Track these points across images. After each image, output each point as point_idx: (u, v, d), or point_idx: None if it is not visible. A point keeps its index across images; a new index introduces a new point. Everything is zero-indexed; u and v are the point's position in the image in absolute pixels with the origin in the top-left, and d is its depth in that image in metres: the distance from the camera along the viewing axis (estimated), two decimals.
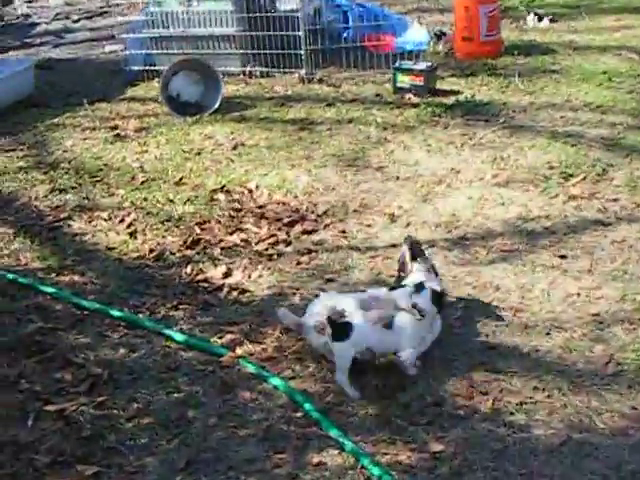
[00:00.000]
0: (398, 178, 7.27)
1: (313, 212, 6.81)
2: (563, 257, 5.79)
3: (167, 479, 4.19)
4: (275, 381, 4.75)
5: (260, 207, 6.97)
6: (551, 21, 11.53)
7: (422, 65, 9.16)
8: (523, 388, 4.62)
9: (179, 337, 5.21)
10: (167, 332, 5.29)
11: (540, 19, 11.51)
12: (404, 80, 9.10)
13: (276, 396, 4.70)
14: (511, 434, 4.32)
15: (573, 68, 9.50)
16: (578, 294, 5.38)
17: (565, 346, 4.91)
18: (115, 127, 9.05)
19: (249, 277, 5.95)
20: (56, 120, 9.40)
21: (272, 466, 4.22)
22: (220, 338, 5.26)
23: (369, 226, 6.49)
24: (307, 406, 4.50)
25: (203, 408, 4.65)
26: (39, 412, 4.70)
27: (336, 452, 4.26)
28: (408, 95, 9.02)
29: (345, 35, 10.41)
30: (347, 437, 4.30)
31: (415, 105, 8.81)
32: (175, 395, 4.77)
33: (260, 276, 5.93)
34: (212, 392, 4.77)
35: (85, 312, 5.63)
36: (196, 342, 5.18)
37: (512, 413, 4.45)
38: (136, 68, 10.55)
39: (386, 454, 4.24)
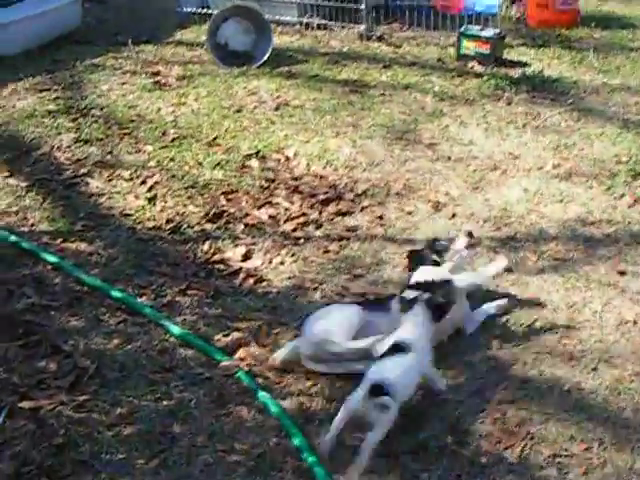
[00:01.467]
0: (449, 159, 6.61)
1: (352, 190, 6.20)
2: (622, 274, 5.13)
3: None
4: (269, 403, 4.18)
5: (295, 179, 6.38)
6: None
7: (490, 32, 8.42)
8: (558, 436, 4.01)
9: (177, 331, 4.67)
10: (165, 324, 4.70)
11: None
12: (469, 47, 8.39)
13: (275, 417, 4.11)
14: None
15: None
16: (635, 322, 4.75)
17: (613, 387, 4.28)
18: (157, 73, 8.47)
19: (270, 262, 5.39)
20: (97, 60, 8.83)
21: None
22: (226, 336, 4.71)
23: (410, 214, 5.86)
24: (298, 441, 3.90)
25: (192, 423, 4.12)
26: (12, 408, 4.16)
27: None
28: (472, 63, 8.32)
29: None
30: None
31: (478, 75, 8.11)
32: (164, 402, 4.25)
33: (282, 263, 5.37)
34: (205, 403, 4.24)
35: (85, 289, 5.07)
36: (194, 340, 4.60)
37: (542, 467, 3.85)
38: (189, 9, 9.89)
39: None
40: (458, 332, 4.65)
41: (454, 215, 5.81)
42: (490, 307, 4.78)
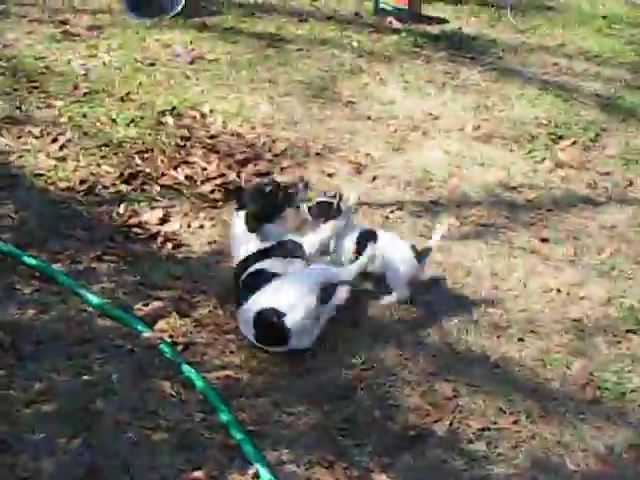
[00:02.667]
0: (369, 118, 6.54)
1: (270, 150, 6.08)
2: (545, 240, 5.16)
3: None
4: (193, 376, 4.06)
5: (212, 137, 6.22)
6: None
7: None
8: (487, 408, 4.00)
9: (95, 301, 4.50)
10: (83, 293, 4.53)
11: None
12: (387, 1, 8.25)
13: (200, 391, 4.00)
14: (467, 469, 3.74)
15: (571, 8, 8.75)
16: (558, 290, 4.77)
17: (539, 358, 4.31)
18: (65, 22, 8.13)
19: (188, 226, 5.25)
20: (1, 7, 8.40)
21: None
22: (145, 305, 4.55)
23: (330, 176, 5.78)
24: (224, 416, 3.82)
25: (114, 398, 3.98)
26: None
27: None
28: (389, 18, 8.23)
29: None
30: (265, 464, 3.61)
31: (396, 31, 8.04)
32: (85, 377, 4.09)
33: (201, 227, 5.23)
34: (127, 378, 4.08)
35: None
36: (112, 310, 4.45)
37: (471, 441, 3.84)
38: None
39: None
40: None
41: (375, 178, 5.75)
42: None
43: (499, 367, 4.22)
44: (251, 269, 4.40)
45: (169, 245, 5.06)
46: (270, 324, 4.16)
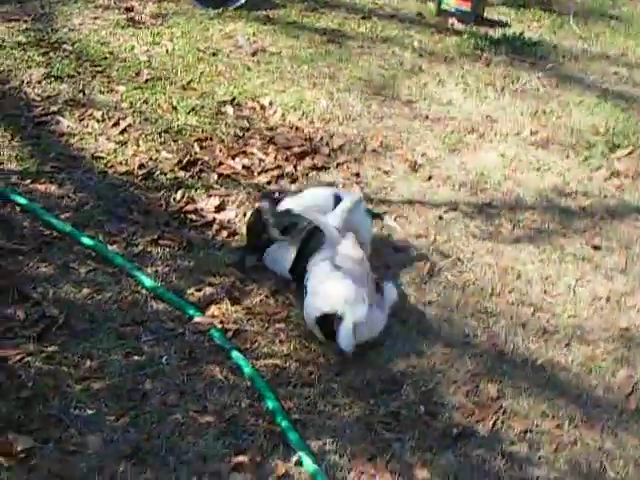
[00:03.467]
0: (427, 118, 6.55)
1: (327, 144, 6.11)
2: (597, 248, 5.14)
3: (108, 467, 3.59)
4: (242, 363, 4.12)
5: (270, 129, 6.26)
6: None
7: None
8: (530, 411, 4.02)
9: (148, 283, 4.58)
10: (137, 274, 4.62)
11: None
12: (450, 3, 8.29)
13: (248, 378, 4.06)
14: (508, 469, 3.75)
15: (633, 17, 8.67)
16: (608, 298, 4.76)
17: (585, 364, 4.30)
18: (130, 9, 8.24)
19: (244, 215, 5.30)
20: None
21: (229, 469, 3.64)
22: (198, 291, 4.62)
23: (386, 173, 5.81)
24: (270, 403, 3.88)
25: (163, 380, 4.05)
26: None
27: None
28: (451, 20, 8.23)
29: None
30: (308, 453, 3.67)
31: (458, 33, 8.04)
32: (135, 357, 4.16)
33: None
34: (177, 360, 4.16)
35: (54, 234, 4.94)
36: (165, 293, 4.53)
37: (513, 442, 3.86)
38: None
39: (362, 473, 3.62)
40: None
41: (430, 177, 5.77)
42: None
43: (544, 371, 4.23)
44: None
45: (224, 233, 5.12)
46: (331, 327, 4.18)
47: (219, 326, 4.35)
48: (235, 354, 4.14)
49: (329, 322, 4.16)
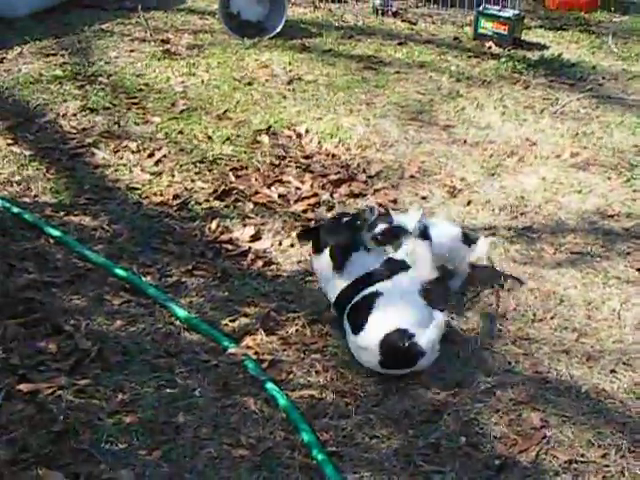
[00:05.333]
0: (465, 142, 6.44)
1: (365, 171, 6.03)
2: None
3: None
4: (277, 394, 4.02)
5: (307, 157, 6.20)
6: None
7: (508, 12, 8.25)
8: (575, 440, 3.86)
9: (182, 314, 4.51)
10: (170, 305, 4.55)
11: None
12: (487, 27, 8.21)
13: (282, 410, 3.96)
14: None
15: None
16: None
17: (632, 390, 4.14)
18: (166, 41, 8.28)
19: (279, 244, 5.22)
20: (105, 26, 8.64)
21: None
22: (232, 321, 4.54)
23: (424, 198, 5.70)
24: (306, 436, 3.76)
25: (196, 412, 3.96)
26: (10, 391, 3.99)
27: None
28: (489, 44, 8.14)
29: None
30: None
31: (495, 56, 7.94)
32: (168, 390, 4.08)
33: (292, 245, 5.19)
34: (210, 392, 4.07)
35: (88, 266, 4.90)
36: (199, 324, 4.46)
37: (557, 473, 3.71)
38: None
39: None
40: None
41: (469, 202, 5.66)
42: None
43: (589, 398, 4.08)
44: (360, 295, 4.32)
45: (259, 263, 5.05)
46: (401, 347, 4.07)
47: (254, 357, 4.25)
48: (270, 385, 4.03)
49: (395, 341, 4.05)
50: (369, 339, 4.12)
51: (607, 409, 4.03)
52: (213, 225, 5.37)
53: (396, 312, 4.18)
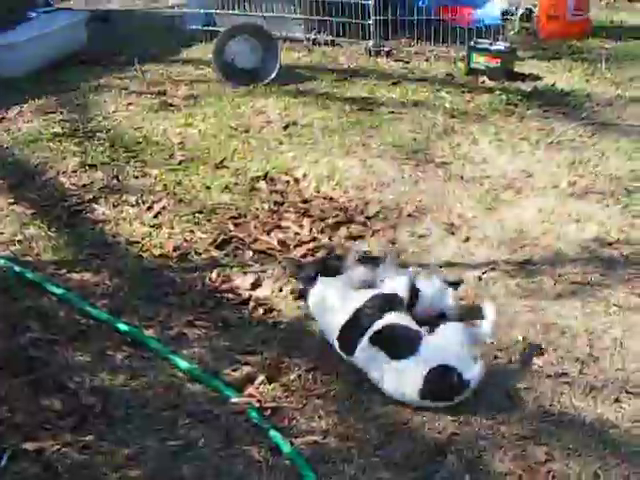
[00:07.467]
0: (462, 178, 6.47)
1: (362, 212, 6.05)
2: None
3: None
4: (281, 443, 4.01)
5: (305, 201, 6.23)
6: None
7: (500, 46, 8.31)
8: (582, 472, 3.85)
9: (184, 365, 4.52)
10: (172, 357, 4.57)
11: None
12: (479, 61, 8.27)
13: (285, 457, 3.96)
14: None
15: None
16: None
17: (636, 419, 4.11)
18: (163, 93, 8.38)
19: (280, 291, 5.23)
20: (102, 80, 8.75)
21: None
22: (234, 370, 4.55)
23: (422, 237, 5.72)
24: None
25: (200, 464, 3.95)
26: (15, 450, 4.01)
27: None
28: (482, 78, 8.20)
29: (420, 4, 9.44)
30: None
31: (489, 90, 7.99)
32: (171, 442, 4.07)
33: (292, 291, 5.18)
34: (214, 443, 4.07)
35: (90, 321, 4.93)
36: (201, 375, 4.47)
37: None
38: (194, 27, 9.78)
39: None
40: None
41: (468, 238, 5.67)
42: None
43: (594, 429, 4.07)
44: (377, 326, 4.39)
45: (260, 310, 5.06)
46: (448, 380, 4.14)
47: (256, 405, 4.25)
48: (273, 433, 4.03)
49: (444, 372, 4.12)
50: (414, 367, 4.16)
51: (612, 439, 4.01)
52: (213, 275, 5.39)
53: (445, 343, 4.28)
